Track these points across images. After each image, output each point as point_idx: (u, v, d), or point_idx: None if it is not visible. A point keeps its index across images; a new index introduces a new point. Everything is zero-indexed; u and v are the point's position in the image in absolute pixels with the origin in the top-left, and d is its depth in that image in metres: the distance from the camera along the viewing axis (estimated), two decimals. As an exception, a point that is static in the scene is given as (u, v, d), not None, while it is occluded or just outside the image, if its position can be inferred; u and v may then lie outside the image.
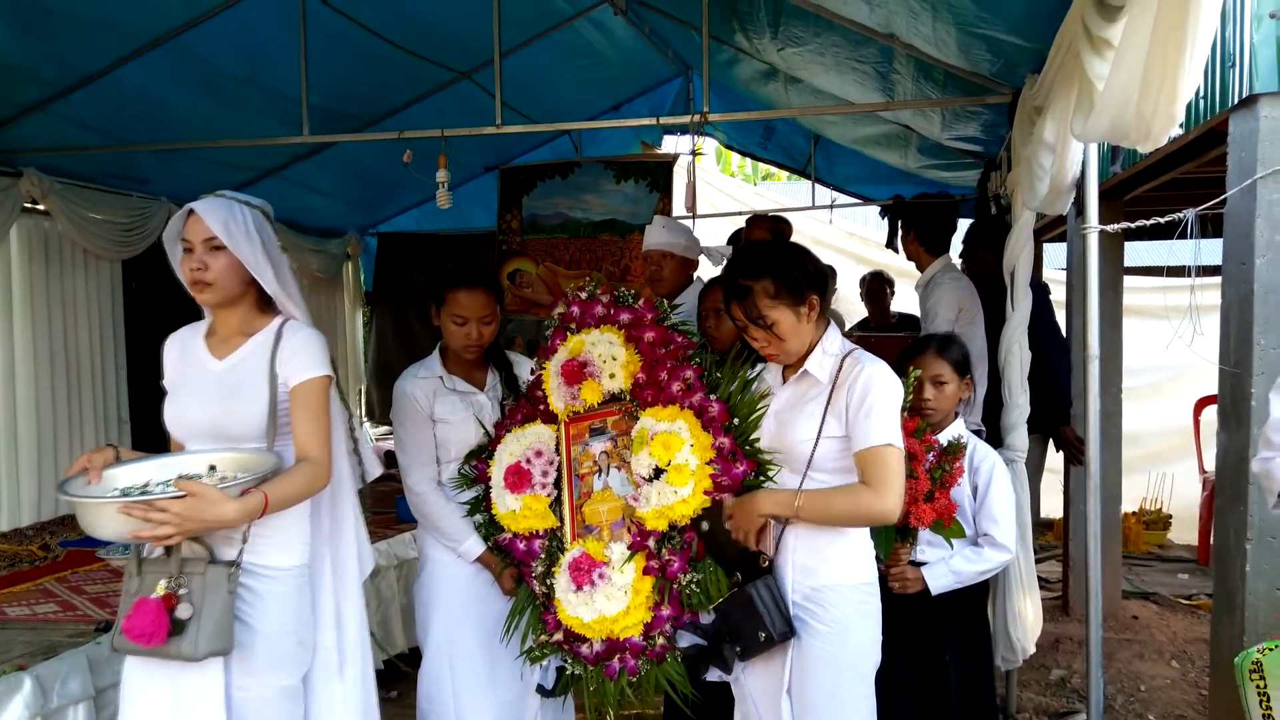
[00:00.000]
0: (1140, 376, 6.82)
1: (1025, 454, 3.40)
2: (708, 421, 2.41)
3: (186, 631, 2.04)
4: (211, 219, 2.20)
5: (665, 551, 2.42)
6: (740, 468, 2.36)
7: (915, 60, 3.77)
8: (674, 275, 3.63)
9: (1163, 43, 1.54)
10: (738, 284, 2.27)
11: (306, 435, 2.23)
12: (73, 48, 3.67)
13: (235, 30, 3.86)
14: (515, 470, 2.68)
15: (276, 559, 2.23)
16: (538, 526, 2.66)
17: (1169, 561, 6.52)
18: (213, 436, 2.25)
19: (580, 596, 2.46)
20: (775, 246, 2.44)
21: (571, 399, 2.62)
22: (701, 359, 2.56)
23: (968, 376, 2.92)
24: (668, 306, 2.67)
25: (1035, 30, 2.80)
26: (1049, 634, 4.69)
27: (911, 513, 2.52)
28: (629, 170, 6.08)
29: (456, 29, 4.43)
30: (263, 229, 2.28)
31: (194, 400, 2.27)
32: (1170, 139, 1.79)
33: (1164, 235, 3.36)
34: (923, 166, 6.10)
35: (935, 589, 2.72)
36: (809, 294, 2.26)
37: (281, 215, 6.00)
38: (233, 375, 2.27)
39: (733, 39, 4.89)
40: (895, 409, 2.23)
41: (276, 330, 2.29)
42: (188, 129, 4.38)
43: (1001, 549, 2.78)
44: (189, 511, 1.95)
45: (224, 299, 2.26)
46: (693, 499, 2.34)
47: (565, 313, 2.75)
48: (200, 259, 2.22)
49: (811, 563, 2.27)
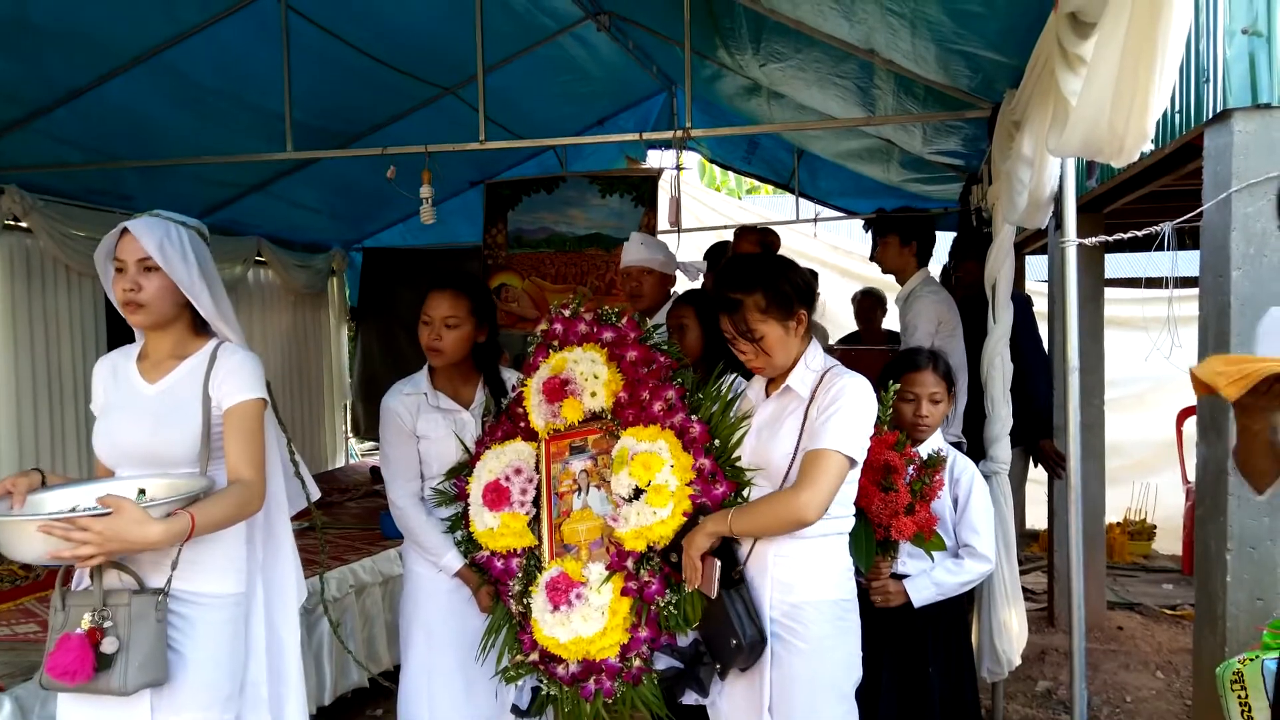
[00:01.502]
0: (1123, 387, 6.86)
1: (1009, 466, 3.41)
2: (688, 442, 2.40)
3: (115, 665, 1.97)
4: (146, 239, 2.13)
5: (644, 573, 2.40)
6: (720, 489, 2.34)
7: (896, 75, 3.80)
8: (653, 291, 3.66)
9: (1134, 59, 1.56)
10: (728, 297, 2.27)
11: (239, 458, 2.17)
12: (55, 64, 3.67)
13: (218, 47, 3.87)
14: (494, 488, 2.65)
15: (210, 585, 2.17)
16: (515, 545, 2.64)
17: (1153, 572, 6.54)
18: (144, 462, 2.18)
19: (557, 616, 2.44)
20: (765, 260, 2.43)
21: (552, 416, 2.60)
22: (684, 379, 2.55)
23: (953, 390, 2.94)
24: (649, 325, 2.67)
25: (1012, 46, 2.83)
26: (1034, 645, 4.70)
27: (892, 526, 2.52)
28: (614, 185, 6.10)
29: (440, 45, 4.44)
30: (199, 250, 2.22)
31: (125, 425, 2.20)
32: (1145, 154, 1.82)
33: (1143, 247, 3.39)
34: (905, 180, 6.14)
35: (917, 601, 2.72)
36: (798, 309, 2.28)
37: (266, 231, 6.08)
38: (165, 399, 2.21)
39: (715, 55, 4.93)
40: (858, 420, 2.22)
41: (211, 353, 2.24)
42: (171, 145, 4.38)
43: (982, 560, 2.79)
44: (111, 531, 1.87)
45: (157, 321, 2.21)
46: (671, 520, 2.31)
47: (548, 330, 2.73)
48: (133, 279, 2.15)
49: (790, 579, 2.25)
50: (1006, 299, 3.32)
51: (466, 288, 2.85)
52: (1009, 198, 2.91)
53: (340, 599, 4.02)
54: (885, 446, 2.56)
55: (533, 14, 4.61)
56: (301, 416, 6.81)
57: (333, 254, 6.90)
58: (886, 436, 2.59)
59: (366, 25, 4.14)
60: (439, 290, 2.82)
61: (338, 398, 7.26)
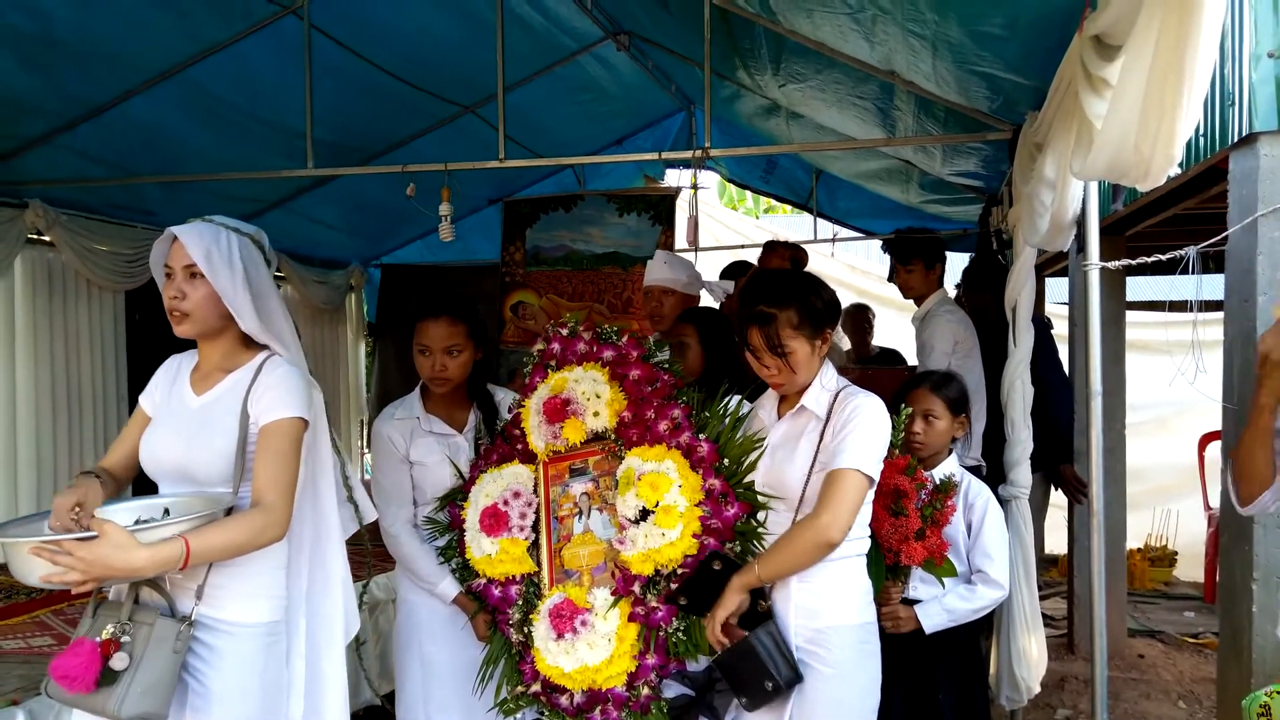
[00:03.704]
0: (1144, 412, 6.79)
1: (1029, 490, 3.37)
2: (696, 461, 2.34)
3: (118, 684, 1.87)
4: (193, 245, 2.05)
5: (652, 597, 2.32)
6: (732, 510, 2.28)
7: (916, 97, 3.79)
8: (674, 311, 3.54)
9: (1160, 82, 1.54)
10: (761, 310, 2.25)
11: (266, 480, 2.03)
12: (78, 81, 3.70)
13: (240, 64, 3.90)
14: (492, 512, 2.57)
15: (237, 613, 2.04)
16: (515, 571, 2.55)
17: (1175, 599, 6.45)
18: (178, 477, 2.10)
19: (561, 645, 2.36)
20: (798, 277, 2.39)
21: (553, 438, 2.53)
22: (688, 398, 2.49)
23: (962, 415, 2.90)
24: (652, 343, 2.62)
25: (1034, 68, 2.82)
26: (1054, 672, 4.64)
27: (902, 551, 2.49)
28: (631, 203, 6.10)
29: (460, 63, 4.47)
30: (249, 257, 2.13)
31: (165, 437, 2.13)
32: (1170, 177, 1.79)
33: (1166, 271, 3.35)
34: (924, 201, 6.12)
35: (929, 628, 2.68)
36: (826, 327, 2.28)
37: (285, 247, 6.11)
38: (205, 413, 2.12)
39: (735, 75, 4.93)
40: (874, 439, 2.21)
41: (257, 366, 2.14)
42: (192, 161, 4.41)
43: (995, 586, 2.74)
44: (94, 556, 1.75)
45: (203, 331, 2.13)
46: (680, 542, 2.25)
47: (545, 349, 2.67)
48: (179, 287, 2.08)
49: (813, 604, 2.23)
50: (1027, 322, 3.29)
51: (461, 311, 2.76)
52: (1030, 220, 2.89)
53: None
54: (896, 471, 2.53)
55: (553, 34, 4.63)
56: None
57: (351, 270, 6.93)
58: (897, 460, 2.56)
59: (388, 44, 4.17)
60: (433, 318, 2.72)
61: (354, 413, 7.27)
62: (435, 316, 2.72)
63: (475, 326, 2.78)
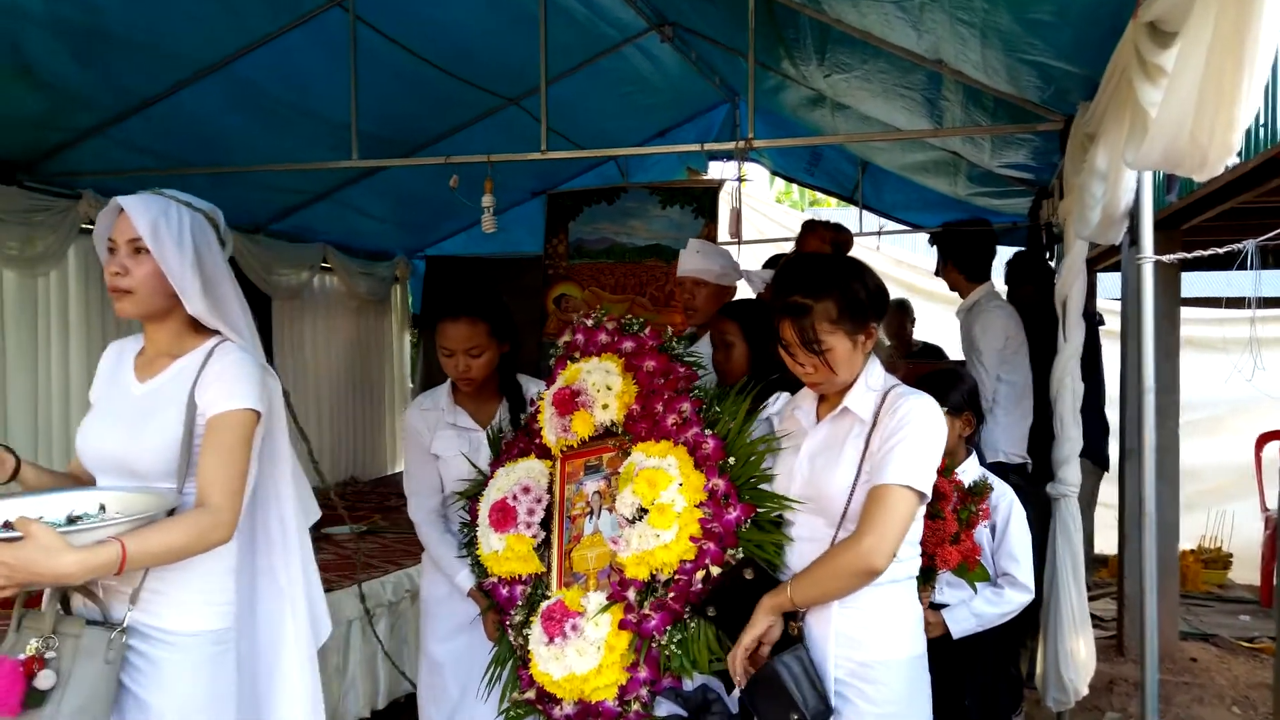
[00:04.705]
0: (1200, 410, 6.64)
1: (1078, 489, 3.30)
2: (701, 459, 2.15)
3: (46, 705, 1.70)
4: (139, 217, 1.89)
5: (647, 605, 2.12)
6: (734, 513, 2.08)
7: (964, 86, 3.72)
8: (708, 303, 3.40)
9: (1218, 69, 1.49)
10: (795, 302, 1.99)
11: (212, 477, 1.86)
12: (130, 74, 3.76)
13: (287, 57, 3.93)
14: (500, 507, 2.45)
15: (178, 621, 1.87)
16: (520, 570, 2.43)
17: (1229, 602, 6.30)
18: (118, 470, 1.93)
19: (551, 650, 2.21)
20: (839, 262, 2.13)
21: (563, 430, 2.42)
22: (703, 392, 2.32)
23: (967, 413, 2.82)
24: (670, 333, 2.48)
25: (1086, 57, 2.75)
26: (1103, 674, 4.54)
27: (937, 555, 2.36)
28: (674, 196, 6.08)
29: (504, 56, 4.47)
30: (200, 235, 1.96)
31: (103, 427, 1.97)
32: (1228, 168, 1.73)
33: (1223, 266, 3.26)
34: (972, 194, 6.02)
35: (957, 633, 2.59)
36: (870, 321, 2.02)
37: (331, 238, 6.17)
38: (148, 402, 1.95)
39: (779, 65, 4.88)
40: (927, 449, 1.97)
41: (207, 352, 1.97)
42: (240, 153, 4.46)
43: (1022, 589, 2.66)
44: (17, 560, 1.59)
45: (146, 311, 1.96)
46: (676, 545, 2.05)
47: (570, 341, 2.56)
48: (121, 262, 1.92)
49: (857, 633, 1.97)
50: (1078, 317, 3.21)
51: (481, 310, 2.69)
52: (1081, 213, 2.82)
53: (396, 603, 4.04)
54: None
55: (596, 25, 4.61)
56: (363, 422, 6.90)
57: (396, 262, 6.99)
58: None
59: (432, 36, 4.18)
60: (453, 319, 2.66)
61: (399, 404, 7.34)
62: (455, 318, 2.67)
63: (498, 323, 2.71)
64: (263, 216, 5.45)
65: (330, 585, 3.59)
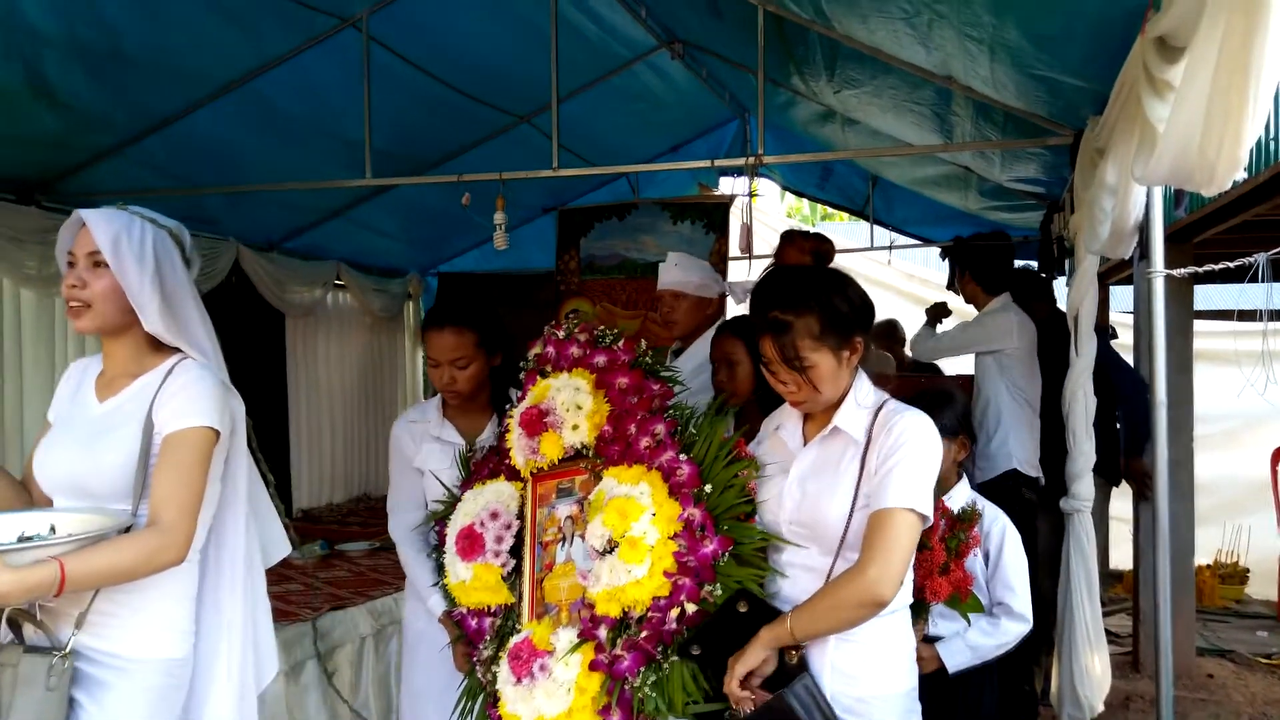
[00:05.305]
0: (1213, 424, 6.60)
1: (1090, 503, 3.29)
2: (675, 486, 2.00)
3: None
4: (100, 232, 1.87)
5: (620, 644, 1.98)
6: (710, 547, 1.93)
7: (974, 101, 3.73)
8: (687, 317, 3.33)
9: (1225, 85, 1.50)
10: (775, 318, 1.90)
11: (164, 496, 1.80)
12: (147, 94, 3.80)
13: (301, 76, 3.97)
14: (467, 534, 2.30)
15: (129, 646, 1.81)
16: (489, 601, 2.28)
17: (1246, 618, 6.25)
18: (72, 491, 1.87)
19: (519, 690, 2.08)
20: (820, 274, 2.03)
21: (531, 453, 2.27)
22: (679, 411, 2.17)
23: (961, 435, 2.68)
24: (645, 347, 2.33)
25: (1095, 72, 2.75)
26: (1118, 691, 4.51)
27: (926, 587, 2.26)
28: (685, 211, 6.10)
29: (515, 74, 4.50)
30: (163, 252, 1.93)
31: (59, 447, 1.91)
32: (1237, 182, 1.74)
33: (1235, 279, 3.26)
34: (984, 208, 6.02)
35: (952, 667, 2.45)
36: (855, 335, 1.92)
37: (344, 255, 6.19)
38: (105, 421, 1.90)
39: (789, 81, 4.90)
40: (927, 468, 1.87)
41: (166, 370, 1.93)
42: (254, 171, 4.50)
43: (1019, 619, 2.53)
44: None
45: (102, 326, 1.91)
46: (648, 581, 1.91)
47: (541, 354, 2.42)
48: (79, 275, 1.89)
49: (854, 669, 1.90)
50: (1090, 331, 3.22)
51: (467, 320, 2.58)
52: (1091, 227, 2.83)
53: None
54: None
55: (607, 43, 4.65)
56: (375, 438, 6.91)
57: (409, 278, 7.03)
58: None
59: (445, 55, 4.22)
60: (438, 329, 2.56)
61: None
62: (440, 327, 2.57)
63: (487, 334, 2.61)
64: (277, 234, 5.50)
65: (343, 603, 3.63)
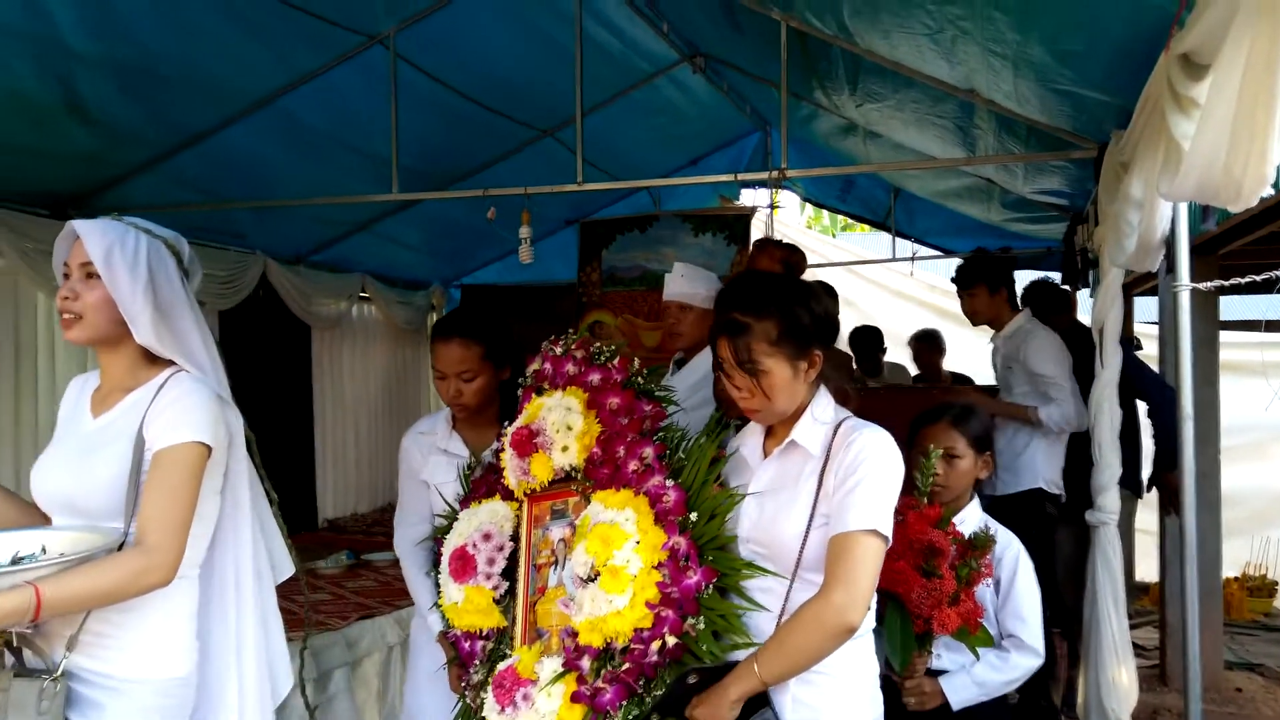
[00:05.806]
0: (1241, 435, 6.54)
1: (1116, 516, 3.28)
2: (661, 513, 1.93)
3: None
4: (93, 243, 1.83)
5: (601, 676, 1.90)
6: (694, 578, 1.85)
7: (997, 115, 3.74)
8: (693, 329, 3.27)
9: (1251, 102, 1.51)
10: (733, 318, 1.87)
11: (151, 515, 1.75)
12: (179, 111, 3.86)
13: (329, 93, 4.03)
14: (460, 555, 2.25)
15: (124, 666, 1.77)
16: (480, 624, 2.22)
17: (1275, 630, 6.18)
18: (66, 509, 1.84)
19: (503, 719, 2.02)
20: (784, 282, 2.00)
21: (523, 474, 2.22)
22: (667, 435, 2.11)
23: (987, 453, 2.54)
24: (638, 365, 2.26)
25: (1119, 85, 2.76)
26: (1146, 704, 4.48)
27: (934, 618, 2.15)
28: (707, 223, 6.12)
29: (539, 89, 4.55)
30: (158, 263, 1.89)
31: (54, 463, 1.89)
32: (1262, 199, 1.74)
33: (1262, 291, 3.24)
34: (1006, 219, 6.02)
35: (957, 704, 2.30)
36: (813, 348, 1.88)
37: (370, 268, 6.25)
38: (99, 437, 1.87)
39: (811, 95, 4.92)
40: (887, 490, 1.81)
41: (159, 384, 1.88)
42: (282, 186, 4.56)
43: (1030, 653, 2.37)
44: None
45: (94, 338, 1.87)
46: (629, 612, 1.83)
47: (539, 370, 2.34)
48: (72, 286, 1.85)
49: (816, 700, 1.83)
50: (1115, 344, 3.21)
51: (474, 332, 2.52)
52: (1116, 240, 2.83)
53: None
54: (928, 524, 2.19)
55: (629, 58, 4.69)
56: (398, 449, 6.95)
57: (433, 291, 7.08)
58: (928, 512, 2.22)
59: (470, 71, 4.27)
60: (444, 340, 2.50)
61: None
62: (446, 338, 2.51)
63: (494, 346, 2.53)
64: (304, 247, 5.57)
65: (370, 612, 3.66)
